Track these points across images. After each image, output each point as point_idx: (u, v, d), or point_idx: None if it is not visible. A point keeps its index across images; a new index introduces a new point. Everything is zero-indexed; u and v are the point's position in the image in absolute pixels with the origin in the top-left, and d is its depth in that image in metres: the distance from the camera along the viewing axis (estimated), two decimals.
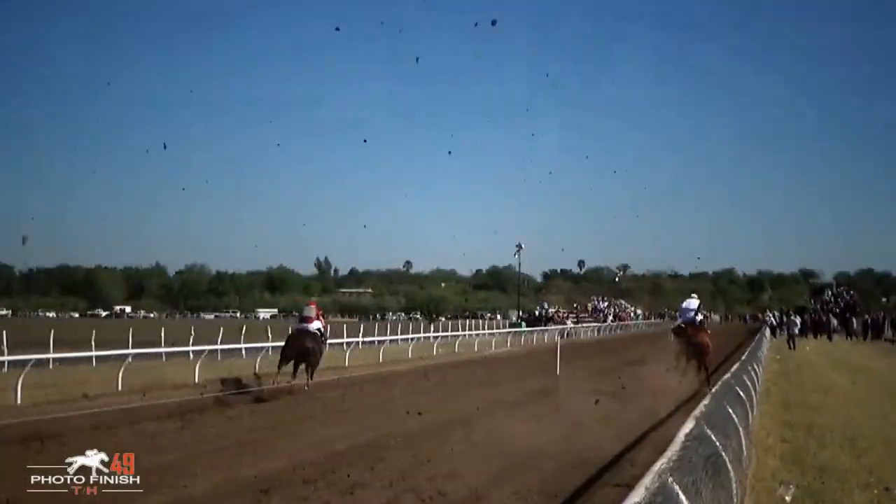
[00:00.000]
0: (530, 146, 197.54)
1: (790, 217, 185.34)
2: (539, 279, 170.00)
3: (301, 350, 18.71)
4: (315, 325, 19.32)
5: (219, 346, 25.32)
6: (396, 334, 37.88)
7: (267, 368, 25.04)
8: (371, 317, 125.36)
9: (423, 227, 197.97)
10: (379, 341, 33.55)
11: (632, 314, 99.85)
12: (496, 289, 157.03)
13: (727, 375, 12.18)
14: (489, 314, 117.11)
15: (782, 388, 20.24)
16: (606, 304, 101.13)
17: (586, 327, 66.79)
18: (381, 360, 29.24)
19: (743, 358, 18.00)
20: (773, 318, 60.73)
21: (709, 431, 5.92)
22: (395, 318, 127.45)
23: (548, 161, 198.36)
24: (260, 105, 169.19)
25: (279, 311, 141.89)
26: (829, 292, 78.78)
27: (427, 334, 41.45)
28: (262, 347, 26.58)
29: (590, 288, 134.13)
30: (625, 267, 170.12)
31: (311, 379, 19.08)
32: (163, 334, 26.18)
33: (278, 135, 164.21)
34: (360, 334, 33.67)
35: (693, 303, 20.73)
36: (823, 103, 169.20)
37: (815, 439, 12.12)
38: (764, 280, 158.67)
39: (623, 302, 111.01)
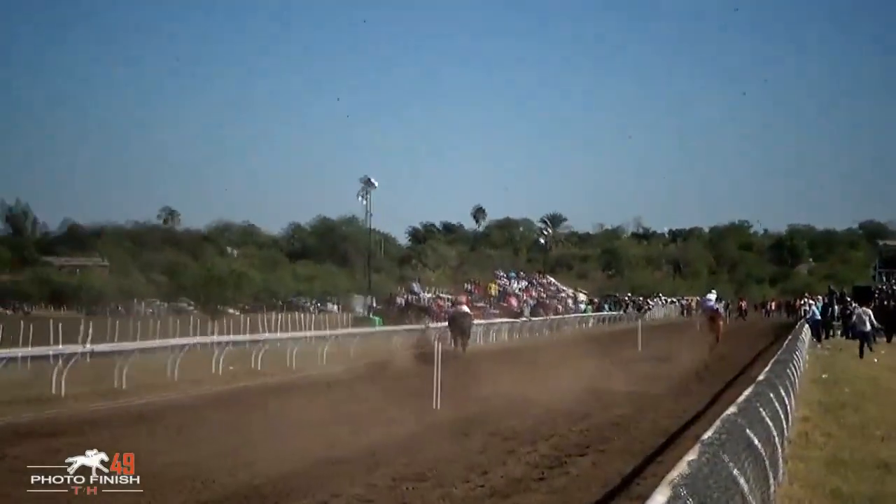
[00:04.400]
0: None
1: (842, 137, 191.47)
2: (405, 241, 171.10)
3: (462, 328, 46.75)
4: (465, 308, 49.95)
5: None
6: (150, 338, 37.71)
7: None
8: (108, 309, 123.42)
9: (195, 155, 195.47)
10: (119, 352, 33.20)
11: (570, 301, 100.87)
12: (330, 259, 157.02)
13: (732, 410, 11.83)
14: (317, 303, 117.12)
15: (829, 431, 20.60)
16: (525, 283, 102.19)
17: (488, 324, 66.74)
18: (123, 385, 28.97)
19: (760, 378, 18.27)
20: (815, 309, 61.70)
21: None
22: (150, 310, 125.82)
23: (413, 45, 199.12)
24: None
25: None
26: None
27: (206, 339, 41.08)
28: None
29: (495, 257, 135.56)
30: (557, 219, 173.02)
31: (466, 347, 46.27)
32: None
33: None
34: (89, 339, 33.57)
35: (712, 297, 50.96)
36: None
37: None
38: (799, 242, 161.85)
39: (553, 280, 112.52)
